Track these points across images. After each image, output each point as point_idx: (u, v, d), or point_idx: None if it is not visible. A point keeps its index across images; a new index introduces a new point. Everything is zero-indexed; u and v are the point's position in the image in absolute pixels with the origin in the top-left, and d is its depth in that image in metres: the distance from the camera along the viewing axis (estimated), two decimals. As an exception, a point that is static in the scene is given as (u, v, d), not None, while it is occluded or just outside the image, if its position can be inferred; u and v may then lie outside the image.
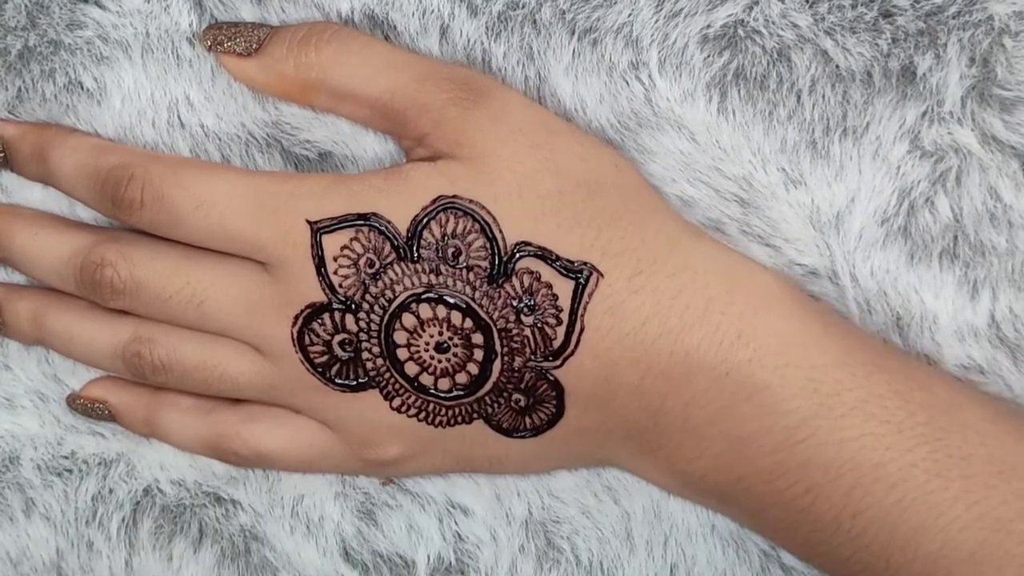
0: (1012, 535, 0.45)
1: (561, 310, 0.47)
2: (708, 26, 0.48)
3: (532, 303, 0.47)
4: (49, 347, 0.54)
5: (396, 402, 0.49)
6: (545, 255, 0.46)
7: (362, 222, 0.47)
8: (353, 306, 0.48)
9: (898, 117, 0.48)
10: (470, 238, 0.46)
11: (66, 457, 0.55)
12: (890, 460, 0.46)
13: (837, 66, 0.48)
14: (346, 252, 0.47)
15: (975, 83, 0.47)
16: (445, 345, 0.48)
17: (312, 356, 0.49)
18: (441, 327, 0.47)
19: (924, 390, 0.47)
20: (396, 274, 0.47)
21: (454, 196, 0.46)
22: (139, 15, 0.51)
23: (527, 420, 0.49)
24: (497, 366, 0.48)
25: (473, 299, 0.47)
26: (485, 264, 0.47)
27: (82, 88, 0.51)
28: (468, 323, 0.47)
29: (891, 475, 0.46)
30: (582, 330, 0.47)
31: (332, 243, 0.47)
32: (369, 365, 0.49)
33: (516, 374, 0.48)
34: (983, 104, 0.47)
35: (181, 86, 0.51)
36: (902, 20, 0.47)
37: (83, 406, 0.54)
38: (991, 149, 0.48)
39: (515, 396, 0.48)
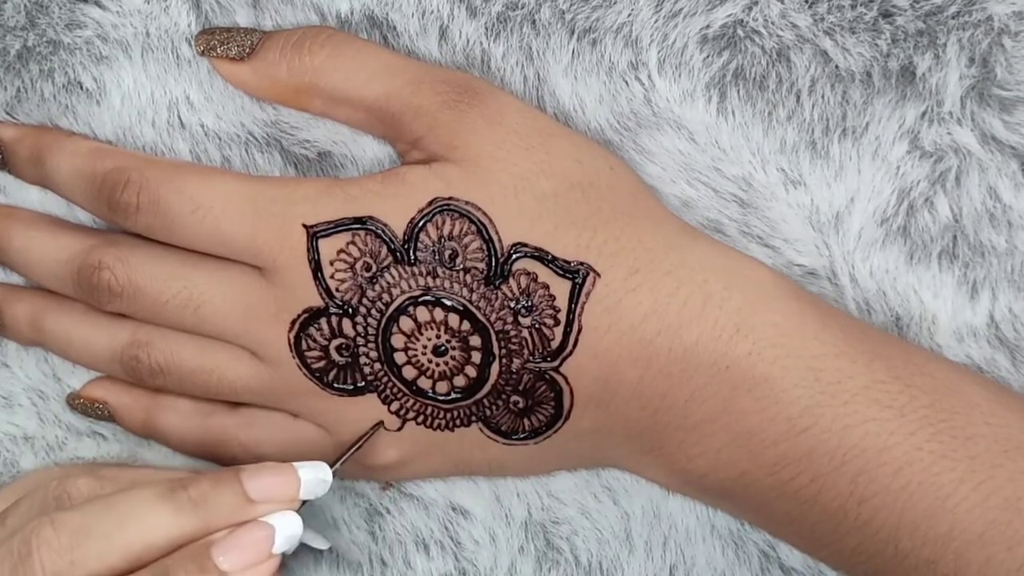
0: (1021, 514, 0.45)
1: (559, 310, 0.47)
2: (707, 26, 0.48)
3: (529, 304, 0.47)
4: (47, 349, 0.54)
5: (394, 406, 0.49)
6: (542, 256, 0.46)
7: (358, 226, 0.47)
8: (350, 310, 0.48)
9: (897, 117, 0.48)
10: (467, 240, 0.46)
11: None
12: (895, 444, 0.46)
13: (837, 66, 0.48)
14: (342, 256, 0.47)
15: (975, 83, 0.47)
16: (443, 348, 0.48)
17: (309, 361, 0.49)
18: (439, 330, 0.47)
19: (925, 375, 0.47)
20: (393, 277, 0.47)
21: (450, 198, 0.46)
22: (139, 15, 0.51)
23: (526, 422, 0.49)
24: (495, 368, 0.48)
25: (470, 301, 0.47)
26: (482, 266, 0.47)
27: (81, 88, 0.51)
28: (466, 325, 0.47)
29: (897, 459, 0.46)
30: (580, 330, 0.47)
31: (328, 247, 0.47)
32: (367, 369, 0.49)
33: (514, 376, 0.48)
34: (983, 104, 0.47)
35: (181, 86, 0.51)
36: (902, 20, 0.47)
37: (83, 405, 0.54)
38: (991, 149, 0.48)
39: (514, 398, 0.48)
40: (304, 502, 0.47)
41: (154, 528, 0.45)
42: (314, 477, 0.47)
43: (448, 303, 0.47)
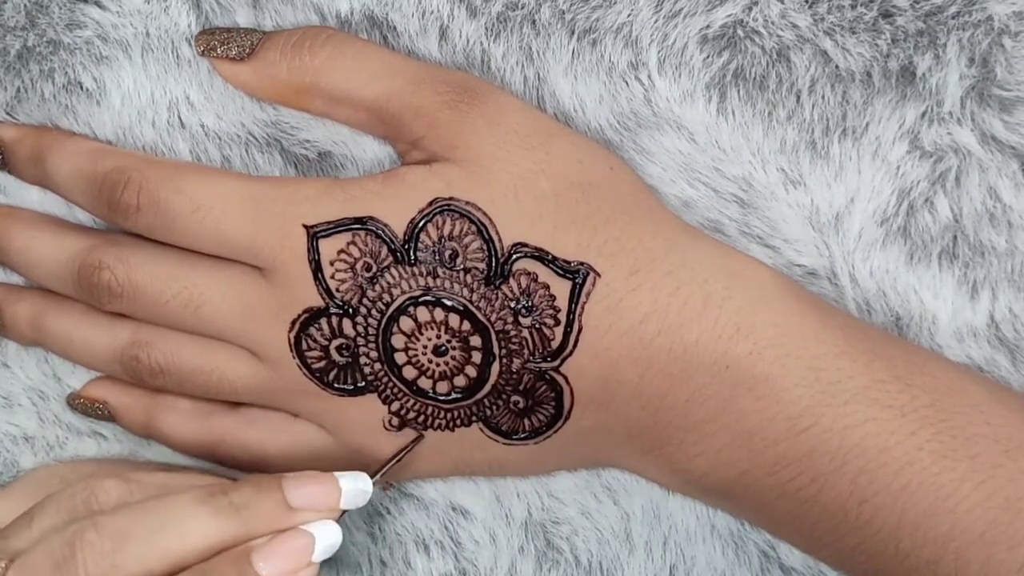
0: (1022, 513, 0.45)
1: (559, 310, 0.47)
2: (707, 26, 0.48)
3: (530, 304, 0.47)
4: (48, 349, 0.54)
5: (394, 406, 0.49)
6: (542, 256, 0.46)
7: (359, 226, 0.47)
8: (350, 310, 0.47)
9: (898, 117, 0.48)
10: (467, 240, 0.46)
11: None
12: (895, 444, 0.46)
13: (837, 66, 0.48)
14: (343, 256, 0.47)
15: (975, 83, 0.47)
16: (443, 348, 0.48)
17: (309, 361, 0.49)
18: (439, 330, 0.47)
19: (925, 374, 0.47)
20: (393, 277, 0.47)
21: (450, 198, 0.46)
22: (139, 15, 0.51)
23: (526, 422, 0.49)
24: (495, 368, 0.48)
25: (471, 301, 0.47)
26: (482, 266, 0.46)
27: (81, 88, 0.51)
28: (466, 325, 0.47)
29: (897, 459, 0.46)
30: (580, 330, 0.47)
31: (329, 247, 0.47)
32: (367, 369, 0.49)
33: (515, 376, 0.48)
34: (983, 104, 0.47)
35: (181, 86, 0.51)
36: (902, 20, 0.47)
37: (83, 405, 0.54)
38: (991, 149, 0.48)
39: (514, 398, 0.48)
40: (343, 512, 0.47)
41: (194, 533, 0.44)
42: (354, 487, 0.47)
43: (448, 303, 0.47)
